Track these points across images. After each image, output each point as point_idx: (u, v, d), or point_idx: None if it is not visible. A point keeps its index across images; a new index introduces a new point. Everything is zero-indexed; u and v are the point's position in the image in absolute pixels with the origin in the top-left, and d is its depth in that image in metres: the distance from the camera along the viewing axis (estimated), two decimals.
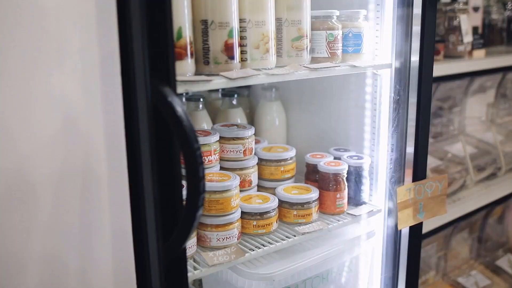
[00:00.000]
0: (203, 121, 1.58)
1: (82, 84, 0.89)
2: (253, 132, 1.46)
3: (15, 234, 0.88)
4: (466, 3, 2.16)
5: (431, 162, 2.11)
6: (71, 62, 0.87)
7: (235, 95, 1.69)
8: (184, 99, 1.66)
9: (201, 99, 1.58)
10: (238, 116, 1.69)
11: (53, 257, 0.92)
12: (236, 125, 1.50)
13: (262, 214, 1.34)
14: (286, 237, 1.36)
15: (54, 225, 0.91)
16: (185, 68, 1.07)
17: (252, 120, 1.80)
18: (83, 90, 0.89)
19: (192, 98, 1.58)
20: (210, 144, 1.35)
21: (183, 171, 0.89)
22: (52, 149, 0.88)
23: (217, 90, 1.79)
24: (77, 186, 0.92)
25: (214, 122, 1.64)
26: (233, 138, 1.41)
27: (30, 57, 0.83)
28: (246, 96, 1.85)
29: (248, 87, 1.86)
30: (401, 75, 1.44)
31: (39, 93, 0.85)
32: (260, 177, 1.52)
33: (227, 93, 1.70)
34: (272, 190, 1.48)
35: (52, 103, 0.87)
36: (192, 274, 1.18)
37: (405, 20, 1.40)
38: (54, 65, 0.86)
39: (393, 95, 1.47)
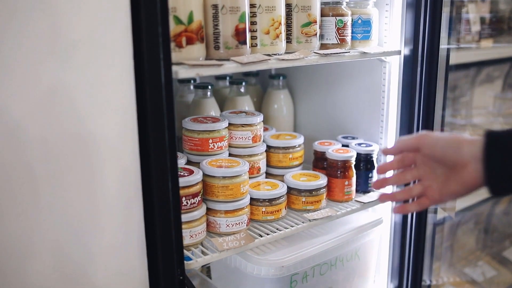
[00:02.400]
0: (211, 109, 1.58)
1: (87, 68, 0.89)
2: (262, 119, 1.46)
3: (20, 223, 0.88)
4: None
5: None
6: (73, 48, 0.88)
7: (243, 83, 1.69)
8: (192, 87, 1.66)
9: (210, 86, 1.58)
10: (246, 104, 1.69)
11: (59, 244, 0.93)
12: (244, 112, 1.50)
13: (271, 201, 1.34)
14: (295, 223, 1.37)
15: (59, 210, 0.91)
16: (196, 52, 1.07)
17: (259, 108, 1.80)
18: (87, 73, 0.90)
19: (200, 85, 1.58)
20: (219, 130, 1.35)
21: None
22: (53, 133, 0.88)
23: (224, 78, 1.79)
24: (83, 175, 0.93)
25: (222, 110, 1.64)
26: (242, 125, 1.41)
27: (26, 50, 0.83)
28: (253, 84, 1.85)
29: (255, 75, 1.85)
30: (410, 62, 1.44)
31: (38, 81, 0.85)
32: (268, 165, 1.52)
33: (235, 81, 1.70)
34: (280, 178, 1.48)
35: (52, 90, 0.87)
36: (202, 259, 1.18)
37: (415, 7, 1.39)
38: (52, 55, 0.86)
39: (401, 82, 1.47)
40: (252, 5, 1.17)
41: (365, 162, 1.53)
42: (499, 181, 0.82)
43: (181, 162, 1.32)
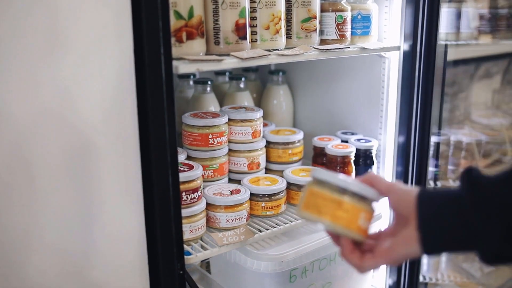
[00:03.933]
0: (211, 104, 1.58)
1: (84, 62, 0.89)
2: (262, 114, 1.46)
3: (20, 219, 0.88)
4: None
5: None
6: (73, 42, 0.88)
7: (243, 79, 1.69)
8: (191, 82, 1.66)
9: (209, 82, 1.58)
10: (246, 99, 1.69)
11: (58, 240, 0.93)
12: (244, 107, 1.50)
13: (270, 196, 1.34)
14: (295, 219, 1.37)
15: (58, 205, 0.91)
16: (196, 47, 1.07)
17: (259, 104, 1.80)
18: (85, 67, 0.90)
19: (200, 80, 1.59)
20: (219, 125, 1.35)
21: None
22: (53, 127, 0.88)
23: (224, 74, 1.79)
24: (82, 170, 0.93)
25: (221, 106, 1.64)
26: (242, 120, 1.41)
27: (32, 39, 0.83)
28: (253, 80, 1.85)
29: (255, 70, 1.85)
30: (409, 58, 1.44)
31: (36, 77, 0.85)
32: (267, 160, 1.52)
33: (235, 76, 1.70)
34: (280, 173, 1.48)
35: (50, 88, 0.87)
36: (202, 254, 1.18)
37: (414, 3, 1.39)
38: (54, 44, 0.86)
39: (401, 77, 1.47)
40: (252, 0, 1.17)
41: (364, 158, 1.54)
42: (430, 242, 0.72)
43: (181, 157, 1.33)
